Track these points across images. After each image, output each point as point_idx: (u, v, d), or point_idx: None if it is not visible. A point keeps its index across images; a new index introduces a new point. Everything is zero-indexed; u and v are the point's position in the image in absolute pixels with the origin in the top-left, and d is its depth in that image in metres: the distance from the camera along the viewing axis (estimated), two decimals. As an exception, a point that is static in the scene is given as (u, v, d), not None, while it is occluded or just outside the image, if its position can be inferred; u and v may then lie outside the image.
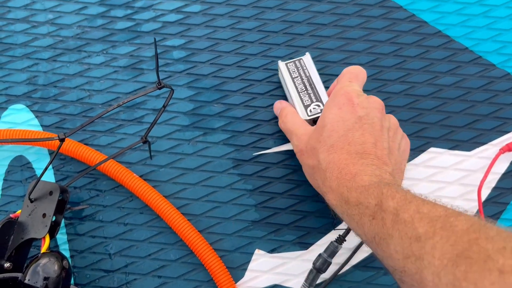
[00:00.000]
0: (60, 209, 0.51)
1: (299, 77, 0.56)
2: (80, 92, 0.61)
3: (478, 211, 0.54)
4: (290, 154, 0.58)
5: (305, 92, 0.55)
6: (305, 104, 0.54)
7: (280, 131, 0.59)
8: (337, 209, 0.43)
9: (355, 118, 0.44)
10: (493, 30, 0.63)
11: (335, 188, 0.42)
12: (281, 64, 0.58)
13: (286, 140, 0.58)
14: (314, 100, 0.54)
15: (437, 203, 0.35)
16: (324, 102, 0.54)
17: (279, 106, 0.57)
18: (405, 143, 0.48)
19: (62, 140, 0.45)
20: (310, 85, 0.55)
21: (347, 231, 0.50)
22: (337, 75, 0.61)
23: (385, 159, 0.42)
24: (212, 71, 0.62)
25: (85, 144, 0.57)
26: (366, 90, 0.60)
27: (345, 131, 0.44)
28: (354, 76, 0.50)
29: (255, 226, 0.55)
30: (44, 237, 0.49)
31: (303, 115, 0.54)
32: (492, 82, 0.61)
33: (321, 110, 0.54)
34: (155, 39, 0.38)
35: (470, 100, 0.60)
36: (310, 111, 0.54)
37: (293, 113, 0.53)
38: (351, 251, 0.54)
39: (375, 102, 0.46)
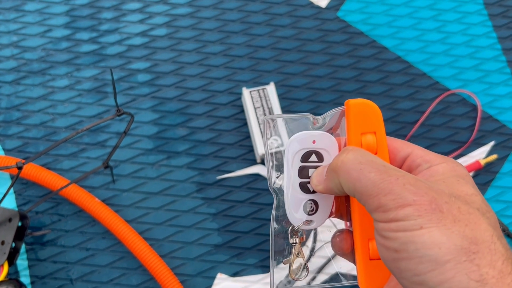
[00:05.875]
0: (19, 235, 0.51)
1: (261, 107, 0.58)
2: (44, 115, 0.60)
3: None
4: (253, 177, 0.59)
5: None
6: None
7: (244, 153, 0.60)
8: None
9: None
10: (450, 56, 0.65)
11: None
12: (245, 92, 0.59)
13: (249, 164, 0.59)
14: (273, 134, 0.56)
15: None
16: (282, 136, 0.56)
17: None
18: None
19: (20, 168, 0.45)
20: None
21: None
22: (299, 99, 0.62)
23: None
24: (176, 95, 0.62)
25: (47, 168, 0.57)
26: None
27: None
28: None
29: (218, 250, 0.56)
30: (2, 265, 0.49)
31: (260, 148, 0.57)
32: (449, 107, 0.63)
33: (278, 144, 0.56)
34: (111, 70, 0.38)
35: (428, 124, 0.62)
36: (268, 144, 0.56)
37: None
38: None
39: None
